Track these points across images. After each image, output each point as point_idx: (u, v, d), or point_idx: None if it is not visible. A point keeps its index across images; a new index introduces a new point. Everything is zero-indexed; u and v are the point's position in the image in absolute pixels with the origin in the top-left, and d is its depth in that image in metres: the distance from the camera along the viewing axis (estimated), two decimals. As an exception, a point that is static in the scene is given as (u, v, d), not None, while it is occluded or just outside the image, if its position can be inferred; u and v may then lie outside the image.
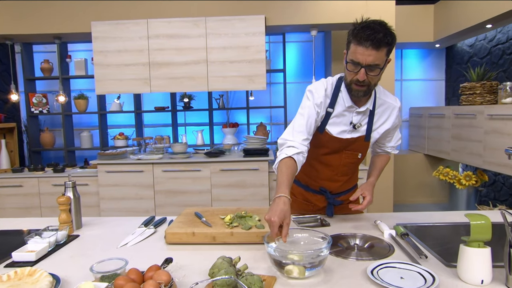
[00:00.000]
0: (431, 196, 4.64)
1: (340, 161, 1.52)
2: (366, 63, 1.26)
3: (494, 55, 4.07)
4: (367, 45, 1.23)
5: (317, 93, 1.43)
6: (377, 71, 1.29)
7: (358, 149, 1.50)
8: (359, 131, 1.47)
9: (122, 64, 3.49)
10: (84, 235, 1.46)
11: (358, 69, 1.29)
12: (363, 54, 1.25)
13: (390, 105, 1.49)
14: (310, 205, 1.65)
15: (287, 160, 1.35)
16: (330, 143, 1.48)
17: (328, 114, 1.45)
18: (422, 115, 4.60)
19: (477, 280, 0.96)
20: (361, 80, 1.29)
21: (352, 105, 1.42)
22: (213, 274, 0.99)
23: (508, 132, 3.04)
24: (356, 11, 3.45)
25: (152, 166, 3.44)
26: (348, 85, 1.37)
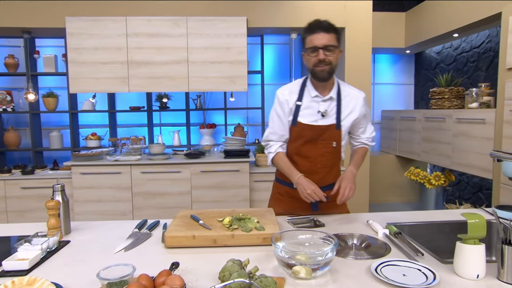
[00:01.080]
0: (402, 195, 4.85)
1: (317, 151, 1.64)
2: (322, 44, 1.51)
3: (459, 63, 4.32)
4: (319, 31, 1.51)
5: (281, 93, 1.68)
6: (333, 50, 1.53)
7: (331, 137, 1.63)
8: (328, 118, 1.62)
9: (98, 62, 3.37)
10: (75, 240, 1.41)
11: (317, 51, 1.52)
12: (318, 38, 1.51)
13: (354, 95, 1.68)
14: (297, 202, 1.69)
15: (278, 155, 1.68)
16: (304, 132, 1.63)
17: (298, 107, 1.64)
18: (393, 117, 4.80)
19: (473, 275, 1.02)
20: (322, 58, 1.51)
21: (317, 94, 1.62)
22: (223, 277, 0.99)
23: (474, 135, 3.24)
24: (335, 15, 3.55)
25: (130, 168, 3.35)
26: (312, 70, 1.57)
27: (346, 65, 3.58)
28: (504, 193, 2.86)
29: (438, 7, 3.98)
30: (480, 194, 4.03)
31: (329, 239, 1.13)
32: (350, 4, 3.54)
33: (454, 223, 1.58)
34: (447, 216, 1.66)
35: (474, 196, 4.12)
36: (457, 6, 3.63)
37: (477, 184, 4.07)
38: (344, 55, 3.59)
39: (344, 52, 3.60)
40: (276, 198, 1.80)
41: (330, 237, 1.13)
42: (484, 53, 3.91)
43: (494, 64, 3.78)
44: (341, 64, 3.69)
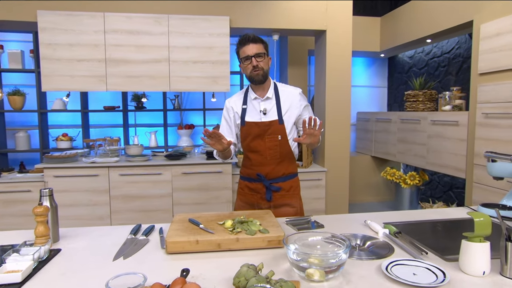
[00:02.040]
0: (377, 195, 5.00)
1: (265, 145, 1.84)
2: (253, 53, 1.74)
3: (430, 67, 4.52)
4: (248, 43, 1.74)
5: (228, 101, 1.94)
6: (263, 57, 1.76)
7: (276, 132, 1.83)
8: (270, 115, 1.83)
9: (74, 59, 3.20)
10: (66, 248, 1.32)
11: (250, 60, 1.75)
12: (248, 49, 1.74)
13: (290, 92, 1.89)
14: (255, 194, 1.91)
15: None
16: (251, 129, 1.84)
17: (244, 110, 1.87)
18: (369, 119, 4.94)
19: (479, 272, 1.06)
20: (255, 65, 1.75)
21: (256, 96, 1.86)
22: (239, 283, 0.96)
23: (448, 136, 3.40)
24: (317, 18, 3.59)
25: (108, 170, 3.21)
26: (249, 76, 1.80)
27: (327, 66, 3.63)
28: (476, 191, 3.01)
29: (412, 13, 4.14)
30: (451, 192, 4.23)
31: (340, 241, 1.13)
32: (331, 6, 3.59)
33: (446, 221, 1.63)
34: (437, 215, 1.72)
35: (445, 194, 4.31)
36: (431, 13, 3.79)
37: (448, 183, 4.27)
38: (325, 57, 3.64)
39: (325, 54, 3.65)
40: (239, 192, 2.01)
41: (342, 239, 1.13)
42: (454, 59, 4.12)
43: (463, 69, 3.98)
44: (322, 66, 3.74)
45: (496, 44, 2.80)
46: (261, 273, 1.00)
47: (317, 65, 3.92)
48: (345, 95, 3.70)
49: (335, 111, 3.68)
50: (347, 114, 3.73)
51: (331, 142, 3.71)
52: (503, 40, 2.74)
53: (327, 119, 3.68)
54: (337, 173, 3.74)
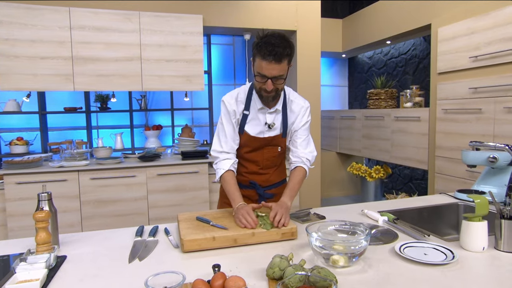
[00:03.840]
0: (343, 189, 5.22)
1: (263, 156, 1.67)
2: (271, 75, 1.43)
3: (389, 67, 4.83)
4: (270, 60, 1.39)
5: (228, 102, 1.61)
6: (282, 80, 1.48)
7: (277, 144, 1.67)
8: (274, 130, 1.63)
9: (36, 56, 2.98)
10: (71, 255, 1.25)
11: (265, 80, 1.45)
12: (268, 68, 1.41)
13: (298, 105, 1.66)
14: (245, 200, 1.60)
15: (227, 174, 1.57)
16: (251, 142, 1.63)
17: (245, 116, 1.61)
18: (333, 117, 5.15)
19: (479, 248, 1.18)
20: (269, 89, 1.46)
21: (262, 106, 1.59)
22: (273, 274, 0.99)
23: (410, 131, 3.66)
24: (287, 19, 3.69)
25: (78, 174, 3.03)
26: (258, 92, 1.54)
27: (298, 66, 3.74)
28: (438, 181, 3.28)
29: (373, 16, 4.39)
30: (411, 184, 4.55)
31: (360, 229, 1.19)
32: (301, 7, 3.70)
33: (430, 207, 1.78)
34: (421, 202, 1.86)
35: (406, 186, 4.63)
36: (391, 16, 4.05)
37: (408, 175, 4.59)
38: (296, 57, 3.74)
39: (296, 54, 3.75)
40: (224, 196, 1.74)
41: (360, 227, 1.19)
42: (411, 59, 4.43)
43: (419, 69, 4.30)
44: (293, 66, 3.84)
45: (452, 46, 3.08)
46: (292, 263, 1.04)
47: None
48: (315, 94, 3.83)
49: (306, 109, 3.80)
50: (317, 112, 3.87)
51: (303, 139, 3.82)
52: (458, 43, 3.02)
53: (299, 117, 3.79)
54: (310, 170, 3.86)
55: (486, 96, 2.77)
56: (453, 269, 1.07)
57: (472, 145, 1.65)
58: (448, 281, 0.99)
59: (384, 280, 1.00)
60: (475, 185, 1.93)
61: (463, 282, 0.98)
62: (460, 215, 1.79)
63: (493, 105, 2.72)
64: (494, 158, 1.73)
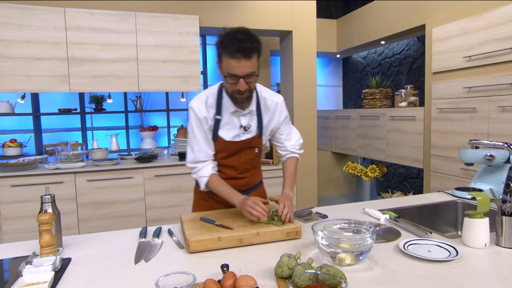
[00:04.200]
0: (338, 188, 5.26)
1: (240, 160, 1.60)
2: (243, 74, 1.33)
3: (383, 67, 4.87)
4: (239, 57, 1.29)
5: (198, 108, 1.50)
6: (254, 77, 1.38)
7: (254, 146, 1.59)
8: (250, 131, 1.55)
9: (31, 57, 2.95)
10: (76, 257, 1.24)
11: (237, 80, 1.34)
12: (238, 66, 1.31)
13: (272, 101, 1.58)
14: (223, 206, 1.63)
15: (212, 178, 1.52)
16: (227, 147, 1.55)
17: (217, 121, 1.51)
18: (328, 117, 5.18)
19: (481, 244, 1.20)
20: (243, 90, 1.36)
21: (236, 109, 1.49)
22: (282, 273, 0.99)
23: (406, 130, 3.70)
24: (283, 19, 3.70)
25: (74, 176, 3.00)
26: (231, 95, 1.43)
27: (294, 66, 3.75)
28: (434, 179, 3.32)
29: (367, 16, 4.43)
30: (405, 182, 4.60)
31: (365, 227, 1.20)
32: (297, 7, 3.72)
33: (429, 205, 1.80)
34: (420, 200, 1.89)
35: (400, 184, 4.68)
36: (386, 16, 4.09)
37: (403, 174, 4.64)
38: (292, 57, 3.76)
39: (291, 54, 3.77)
40: (200, 204, 1.70)
41: (365, 225, 1.20)
42: (405, 59, 4.48)
43: (413, 69, 4.35)
44: (289, 66, 3.86)
45: (446, 46, 3.12)
46: (300, 261, 1.04)
47: (283, 65, 4.03)
48: (311, 94, 3.85)
49: (302, 109, 3.82)
50: (313, 112, 3.89)
51: (300, 139, 3.84)
52: (452, 43, 3.06)
53: (295, 117, 3.81)
54: (306, 169, 3.88)
55: (480, 95, 2.81)
56: (457, 265, 1.08)
57: (471, 144, 1.67)
58: (454, 277, 1.00)
59: (391, 277, 1.02)
60: (472, 183, 1.96)
61: (468, 278, 1.00)
62: (459, 213, 1.82)
63: (487, 104, 2.76)
64: (491, 156, 1.76)
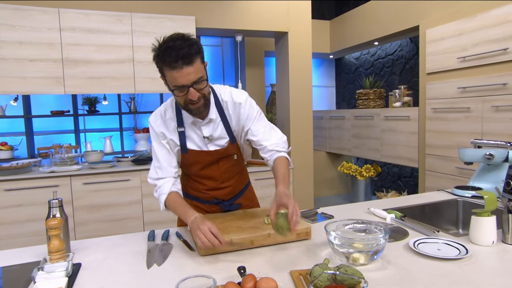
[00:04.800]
0: (332, 188, 5.29)
1: (219, 170, 1.49)
2: (190, 82, 1.22)
3: (376, 67, 4.93)
4: (181, 65, 1.18)
5: (154, 122, 1.43)
6: (204, 82, 1.27)
7: (231, 153, 1.48)
8: (218, 141, 1.44)
9: (24, 59, 2.89)
10: (85, 262, 1.22)
11: (186, 90, 1.24)
12: (182, 75, 1.20)
13: (235, 103, 1.43)
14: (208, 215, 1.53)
15: (170, 196, 1.40)
16: (200, 158, 1.45)
17: (182, 133, 1.41)
18: (322, 117, 5.21)
19: (489, 242, 1.22)
20: (195, 99, 1.26)
21: (194, 120, 1.39)
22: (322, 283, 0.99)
23: (400, 130, 3.75)
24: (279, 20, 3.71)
25: (70, 179, 2.96)
26: (185, 107, 1.32)
27: (290, 67, 3.77)
28: (429, 178, 3.38)
29: (361, 17, 4.47)
30: (399, 182, 4.66)
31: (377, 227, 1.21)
32: (292, 7, 3.74)
33: (431, 204, 1.83)
34: (421, 199, 1.92)
35: (394, 184, 4.74)
36: (379, 17, 4.14)
37: (396, 173, 4.70)
38: (288, 58, 3.77)
39: (287, 55, 3.78)
40: None
41: (377, 225, 1.21)
42: (397, 60, 4.54)
43: (406, 70, 4.41)
44: (285, 67, 3.87)
45: (441, 47, 3.17)
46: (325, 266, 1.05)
47: (279, 66, 4.04)
48: (307, 95, 3.87)
49: (298, 110, 3.84)
50: (309, 112, 3.91)
51: (296, 141, 3.86)
52: (446, 44, 3.11)
53: (291, 118, 3.82)
54: (302, 169, 3.90)
55: (474, 96, 2.87)
56: (468, 263, 1.10)
57: (474, 143, 1.71)
58: (467, 275, 1.02)
59: (406, 276, 1.03)
60: (471, 182, 2.00)
61: (481, 275, 1.02)
62: (460, 211, 1.85)
63: (481, 104, 2.82)
64: (490, 155, 1.80)
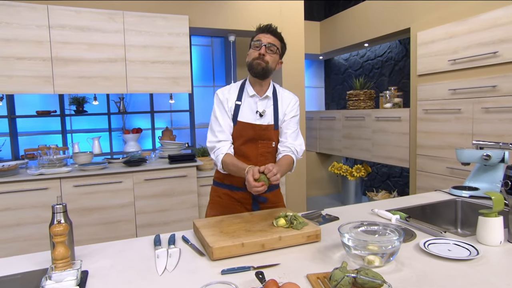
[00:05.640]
0: (323, 188, 5.33)
1: (257, 150, 1.68)
2: (266, 42, 1.62)
3: (365, 69, 4.99)
4: (266, 31, 1.64)
5: (221, 92, 1.72)
6: (274, 52, 1.64)
7: (270, 137, 1.70)
8: (266, 118, 1.68)
9: (11, 56, 2.78)
10: (92, 269, 1.18)
11: (260, 46, 1.62)
12: (264, 36, 1.63)
13: (288, 97, 1.76)
14: (237, 204, 1.74)
15: (227, 157, 1.63)
16: (244, 131, 1.67)
17: (237, 106, 1.68)
18: (313, 118, 5.24)
19: (497, 242, 1.25)
20: (263, 53, 1.61)
21: (254, 93, 1.69)
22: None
23: (392, 131, 3.81)
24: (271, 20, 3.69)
25: (60, 181, 2.86)
26: (250, 64, 1.64)
27: (283, 67, 3.77)
28: (420, 178, 3.44)
29: (351, 19, 4.52)
30: (388, 182, 4.73)
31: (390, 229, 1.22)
32: (285, 8, 3.74)
33: (431, 204, 1.86)
34: (421, 200, 1.94)
35: (383, 183, 4.81)
36: (370, 19, 4.19)
37: (385, 173, 4.76)
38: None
39: (280, 56, 3.78)
40: (215, 201, 1.79)
41: (392, 227, 1.22)
42: (387, 61, 4.61)
43: (395, 71, 4.48)
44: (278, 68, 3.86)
45: (431, 50, 3.24)
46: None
47: (271, 66, 4.03)
48: (299, 95, 3.87)
49: (291, 110, 3.84)
50: (302, 113, 3.91)
51: (289, 141, 3.86)
52: (437, 47, 3.18)
53: (284, 118, 3.82)
54: (295, 170, 3.90)
55: (465, 97, 2.94)
56: (480, 263, 1.12)
57: (476, 144, 1.74)
58: (482, 276, 1.03)
59: (423, 278, 1.03)
60: (466, 182, 2.04)
61: (496, 275, 1.04)
62: (458, 211, 1.89)
63: (471, 106, 2.89)
64: (487, 156, 1.84)
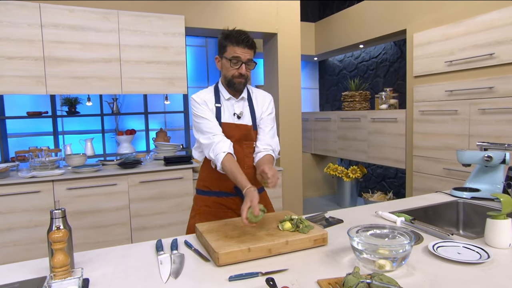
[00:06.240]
0: (318, 190, 5.32)
1: (243, 152, 1.67)
2: (246, 59, 1.58)
3: (360, 70, 5.00)
4: (244, 46, 1.56)
5: (198, 96, 1.68)
6: (252, 65, 1.62)
7: (252, 138, 1.70)
8: (244, 120, 1.68)
9: (2, 56, 2.70)
10: (93, 277, 1.13)
11: (239, 64, 1.58)
12: (243, 52, 1.56)
13: (262, 96, 1.77)
14: (229, 211, 1.69)
15: (228, 157, 1.54)
16: (231, 131, 1.65)
17: (218, 109, 1.67)
18: (308, 119, 5.23)
19: (506, 244, 1.24)
20: (243, 73, 1.59)
21: (230, 96, 1.68)
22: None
23: (388, 132, 3.81)
24: (268, 21, 3.68)
25: (53, 184, 2.79)
26: (230, 80, 1.62)
27: (279, 68, 3.75)
28: (416, 179, 3.45)
29: (347, 21, 4.52)
30: (383, 183, 4.74)
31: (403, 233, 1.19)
32: (281, 8, 3.72)
33: (434, 206, 1.85)
34: (423, 201, 1.93)
35: (378, 184, 4.82)
36: (365, 21, 4.19)
37: (381, 174, 4.78)
38: (277, 60, 3.75)
39: (276, 57, 3.76)
40: (203, 211, 1.70)
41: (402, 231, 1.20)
42: (381, 63, 4.62)
43: (390, 72, 4.50)
44: (273, 69, 3.84)
45: (428, 51, 3.25)
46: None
47: (267, 68, 4.01)
48: (295, 96, 3.86)
49: (288, 112, 3.82)
50: (298, 114, 3.90)
51: (285, 142, 3.84)
52: (434, 48, 3.19)
53: (281, 120, 3.80)
54: (291, 171, 3.88)
55: (461, 99, 2.95)
56: (491, 267, 1.10)
57: (479, 145, 1.74)
58: (494, 279, 1.02)
59: (436, 282, 1.01)
60: (467, 183, 2.04)
61: (509, 279, 1.02)
62: (460, 212, 1.88)
63: (468, 107, 2.91)
64: (489, 157, 1.84)
